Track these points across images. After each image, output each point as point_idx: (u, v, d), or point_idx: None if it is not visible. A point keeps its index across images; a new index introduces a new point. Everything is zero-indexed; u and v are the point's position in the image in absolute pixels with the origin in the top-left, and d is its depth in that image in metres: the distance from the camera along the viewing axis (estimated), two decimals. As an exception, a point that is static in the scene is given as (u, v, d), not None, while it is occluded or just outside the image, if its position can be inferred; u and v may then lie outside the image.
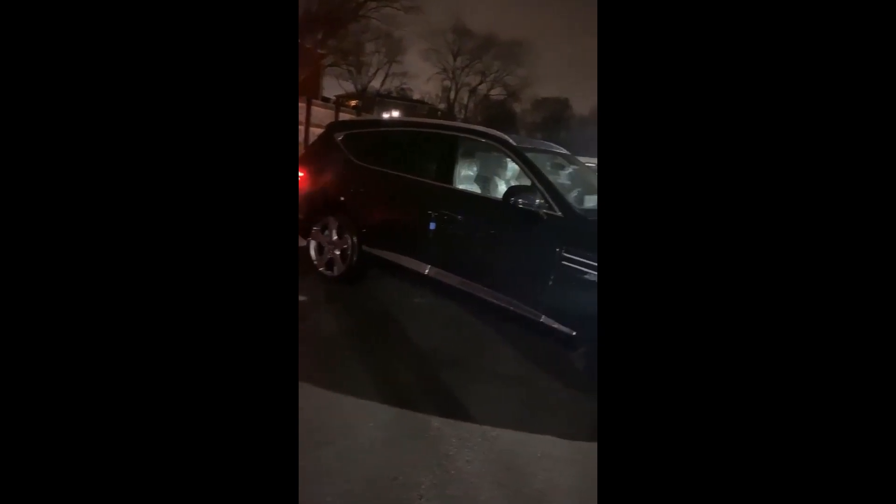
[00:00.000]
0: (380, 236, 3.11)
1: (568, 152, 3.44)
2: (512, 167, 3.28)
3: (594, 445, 1.87)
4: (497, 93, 34.59)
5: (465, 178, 3.05)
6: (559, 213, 2.36)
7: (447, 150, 2.96)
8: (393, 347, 2.56)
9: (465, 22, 41.32)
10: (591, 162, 4.72)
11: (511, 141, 2.76)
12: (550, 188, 2.45)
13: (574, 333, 2.26)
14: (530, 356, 2.64)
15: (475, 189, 3.03)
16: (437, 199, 2.82)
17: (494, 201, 2.73)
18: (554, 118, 34.05)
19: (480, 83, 33.59)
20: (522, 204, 2.39)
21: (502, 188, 3.06)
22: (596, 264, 2.15)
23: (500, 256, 2.55)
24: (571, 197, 2.57)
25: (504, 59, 32.13)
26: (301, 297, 3.02)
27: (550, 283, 2.30)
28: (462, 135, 2.97)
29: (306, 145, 6.44)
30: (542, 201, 2.39)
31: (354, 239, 3.15)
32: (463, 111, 33.14)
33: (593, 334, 2.19)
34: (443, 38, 31.50)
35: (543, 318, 2.36)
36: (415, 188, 2.97)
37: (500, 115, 31.80)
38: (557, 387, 2.37)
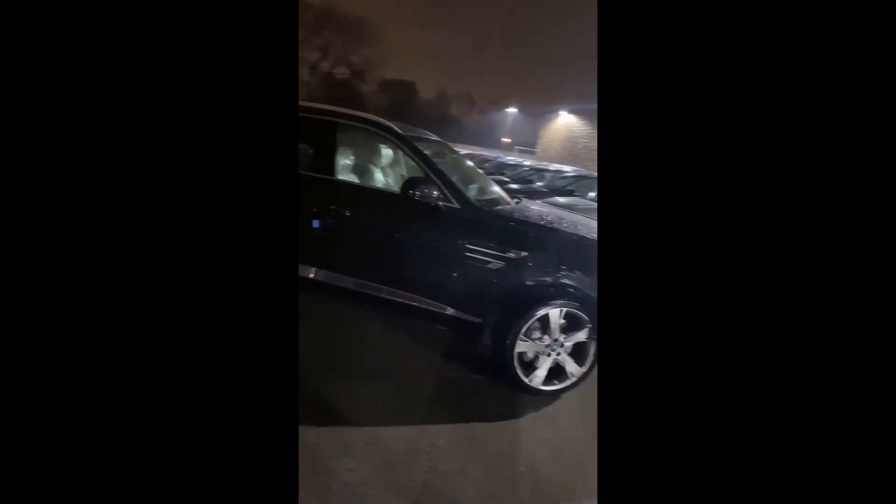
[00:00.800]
0: None
1: (441, 140, 3.37)
2: (387, 155, 3.10)
3: (482, 425, 1.97)
4: (341, 72, 33.31)
5: (344, 168, 2.76)
6: (457, 205, 2.31)
7: (326, 138, 2.62)
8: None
9: (301, -8, 38.38)
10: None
11: (398, 129, 2.56)
12: (446, 180, 2.38)
13: (480, 321, 2.26)
14: (419, 349, 2.60)
15: (353, 180, 2.77)
16: (319, 193, 2.49)
17: (389, 195, 2.54)
18: (401, 101, 34.30)
19: (321, 60, 31.89)
20: (420, 197, 2.26)
21: (379, 179, 2.86)
22: (495, 252, 2.17)
23: (399, 253, 2.40)
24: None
25: (346, 37, 30.96)
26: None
27: (455, 275, 2.25)
28: (342, 121, 2.65)
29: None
30: (439, 193, 2.29)
31: None
32: (305, 88, 31.07)
33: (496, 318, 2.24)
34: (277, 8, 28.65)
35: (450, 311, 2.30)
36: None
37: (346, 95, 30.69)
38: (455, 375, 2.40)
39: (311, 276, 2.50)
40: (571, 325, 2.22)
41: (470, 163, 3.07)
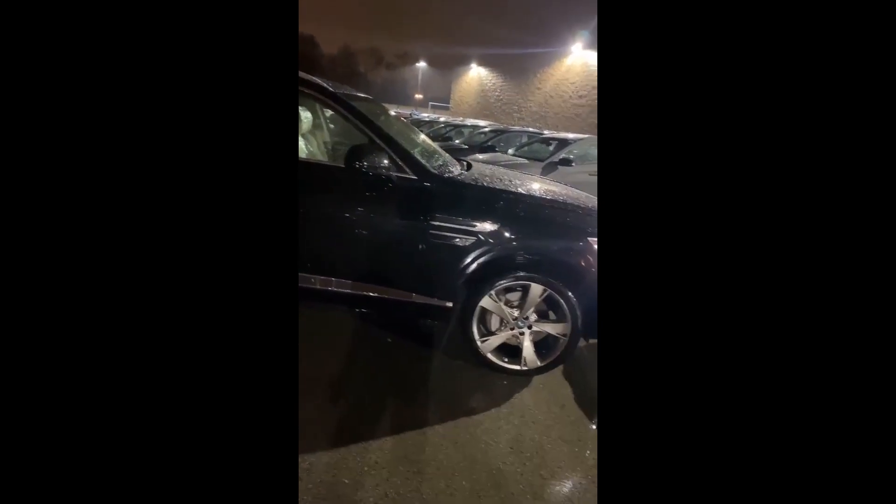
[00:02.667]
0: None
1: (369, 97, 2.95)
2: (307, 119, 2.69)
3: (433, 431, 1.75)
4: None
5: None
6: (412, 176, 2.01)
7: None
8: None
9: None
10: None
11: (329, 87, 2.16)
12: (397, 146, 2.02)
13: (450, 304, 2.06)
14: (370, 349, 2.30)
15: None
16: None
17: (328, 168, 2.15)
18: (301, 57, 31.57)
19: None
20: (368, 168, 1.94)
21: (301, 148, 2.45)
22: (464, 226, 1.95)
23: (348, 238, 2.04)
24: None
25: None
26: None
27: (418, 256, 1.99)
28: None
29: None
30: (390, 163, 1.98)
31: None
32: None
33: (466, 298, 2.05)
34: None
35: (416, 297, 2.06)
36: None
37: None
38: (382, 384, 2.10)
39: None
40: (549, 310, 2.06)
41: (405, 124, 2.73)
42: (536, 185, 2.38)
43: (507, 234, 1.97)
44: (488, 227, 1.96)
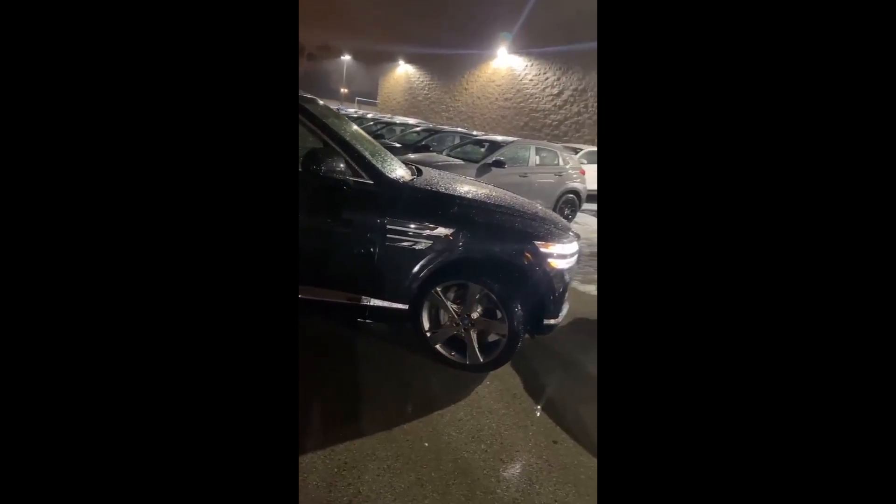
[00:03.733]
0: None
1: (314, 97, 2.91)
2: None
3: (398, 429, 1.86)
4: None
5: None
6: (368, 180, 2.05)
7: None
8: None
9: None
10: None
11: None
12: (352, 151, 2.04)
13: (405, 307, 2.13)
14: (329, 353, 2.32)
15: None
16: None
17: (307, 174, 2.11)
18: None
19: None
20: (325, 172, 1.95)
21: None
22: (420, 230, 2.03)
23: (305, 243, 2.03)
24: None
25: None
26: None
27: (374, 261, 2.04)
28: None
29: None
30: (346, 167, 2.00)
31: None
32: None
33: (428, 302, 2.14)
34: None
35: (373, 301, 2.10)
36: None
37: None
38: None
39: None
40: (487, 313, 2.17)
41: (355, 126, 2.73)
42: (484, 191, 2.51)
43: (456, 238, 2.06)
44: (440, 231, 2.05)
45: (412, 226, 2.03)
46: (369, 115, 16.09)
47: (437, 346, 2.22)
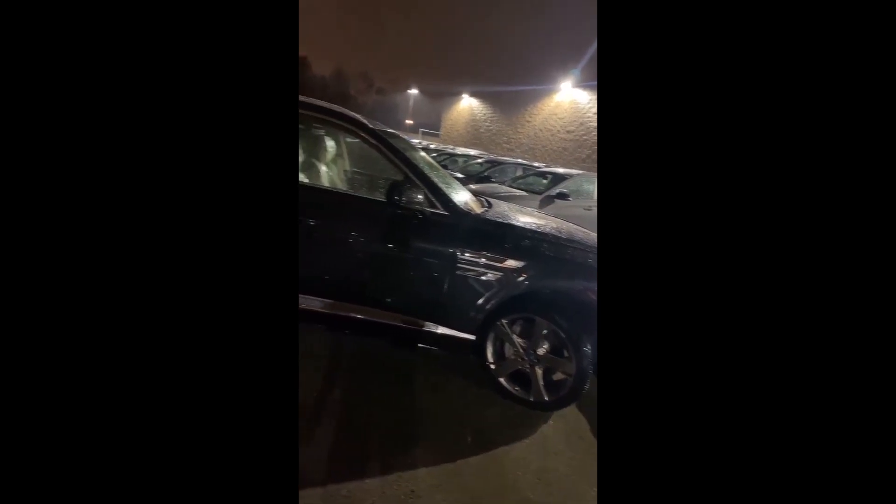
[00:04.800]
0: None
1: (396, 132, 3.09)
2: (331, 148, 2.79)
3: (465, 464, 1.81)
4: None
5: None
6: (444, 212, 2.12)
7: None
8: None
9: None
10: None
11: (368, 123, 2.28)
12: (430, 182, 2.14)
13: (473, 337, 2.14)
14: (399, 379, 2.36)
15: (316, 183, 2.44)
16: None
17: (367, 201, 2.24)
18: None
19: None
20: (405, 203, 2.04)
21: (324, 175, 2.56)
22: (491, 263, 2.05)
23: (379, 268, 2.12)
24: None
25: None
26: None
27: (445, 289, 2.08)
28: (303, 112, 2.24)
29: None
30: (423, 198, 2.09)
31: None
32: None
33: (493, 333, 2.14)
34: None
35: (441, 329, 2.14)
36: None
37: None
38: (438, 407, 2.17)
39: None
40: (554, 350, 2.11)
41: (429, 158, 2.85)
42: (555, 225, 2.50)
43: (525, 271, 2.06)
44: (510, 263, 2.06)
45: (483, 257, 2.06)
46: (432, 146, 16.63)
47: (501, 380, 2.20)
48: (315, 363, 2.28)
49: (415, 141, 21.42)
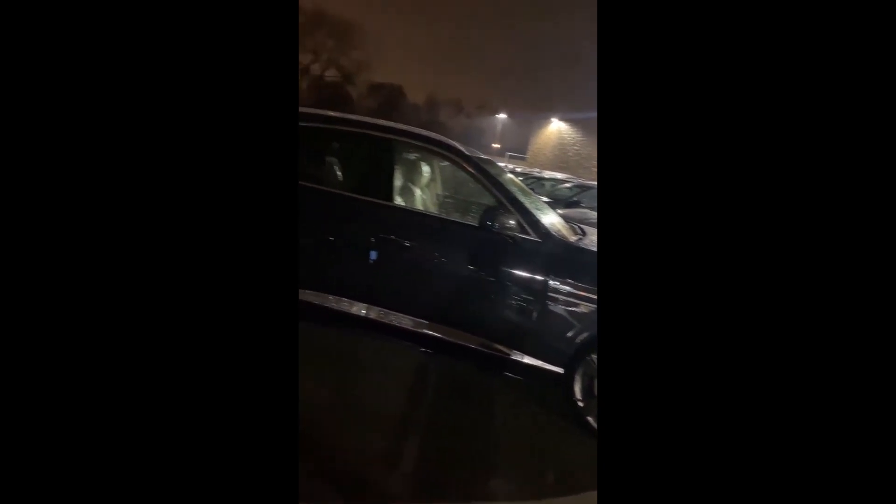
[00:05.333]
0: None
1: (489, 158, 3.14)
2: (426, 173, 2.89)
3: None
4: (331, 75, 32.85)
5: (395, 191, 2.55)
6: (536, 238, 2.10)
7: (381, 158, 2.39)
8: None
9: (290, -7, 37.38)
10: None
11: (464, 150, 2.35)
12: (523, 208, 2.14)
13: (562, 371, 2.06)
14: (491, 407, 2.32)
15: (410, 206, 2.56)
16: (376, 219, 2.23)
17: (460, 225, 2.30)
18: (389, 104, 33.88)
19: (313, 62, 31.41)
20: (498, 228, 2.06)
21: (419, 199, 2.65)
22: (584, 293, 1.97)
23: (470, 292, 2.16)
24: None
25: (338, 40, 30.55)
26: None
27: (534, 319, 2.04)
28: (398, 138, 2.38)
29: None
30: (516, 224, 2.09)
31: None
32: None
33: (583, 369, 2.04)
34: (267, 9, 28.00)
35: (527, 359, 2.09)
36: (342, 205, 2.31)
37: (335, 98, 30.24)
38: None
39: (363, 313, 2.27)
40: None
41: (521, 183, 2.85)
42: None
43: None
44: None
45: (575, 287, 1.99)
46: (518, 169, 16.63)
47: (589, 419, 2.07)
48: (401, 380, 2.35)
49: (501, 164, 21.56)
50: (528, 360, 2.09)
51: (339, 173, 2.57)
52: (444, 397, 2.26)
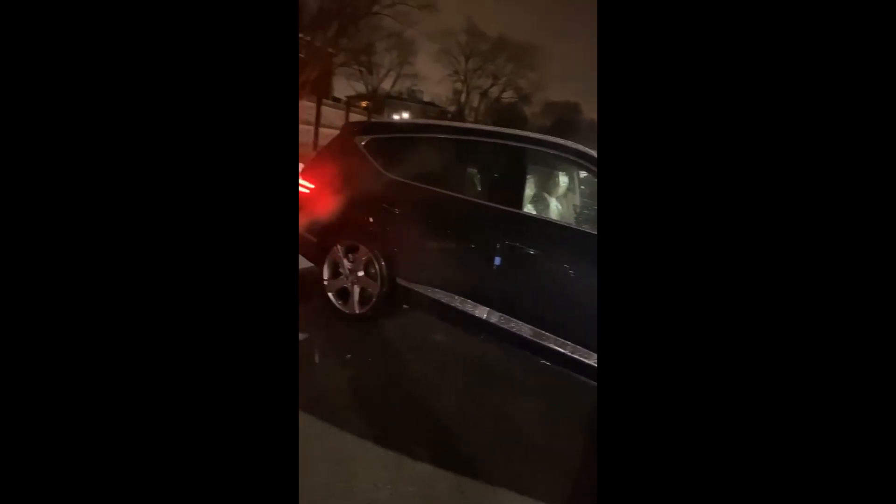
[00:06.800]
0: (422, 269, 2.53)
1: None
2: (564, 183, 2.80)
3: None
4: (508, 96, 34.15)
5: (525, 199, 2.57)
6: None
7: (512, 166, 2.43)
8: (414, 405, 2.02)
9: (478, 23, 40.46)
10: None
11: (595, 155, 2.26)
12: None
13: None
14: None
15: (540, 214, 2.55)
16: (503, 226, 2.27)
17: (582, 233, 2.24)
18: (564, 122, 33.53)
19: (492, 86, 33.16)
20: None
21: (554, 209, 2.58)
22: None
23: (591, 304, 2.04)
24: None
25: (516, 62, 31.66)
26: (301, 335, 2.50)
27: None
28: (534, 147, 2.39)
29: (316, 148, 5.87)
30: None
31: (384, 269, 2.56)
32: (473, 114, 32.67)
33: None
34: (455, 40, 30.94)
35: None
36: (472, 211, 2.43)
37: (510, 118, 31.35)
38: None
39: (485, 317, 2.34)
40: None
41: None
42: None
43: None
44: None
45: None
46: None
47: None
48: (507, 387, 2.34)
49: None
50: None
51: (476, 183, 2.72)
52: (551, 407, 2.17)
